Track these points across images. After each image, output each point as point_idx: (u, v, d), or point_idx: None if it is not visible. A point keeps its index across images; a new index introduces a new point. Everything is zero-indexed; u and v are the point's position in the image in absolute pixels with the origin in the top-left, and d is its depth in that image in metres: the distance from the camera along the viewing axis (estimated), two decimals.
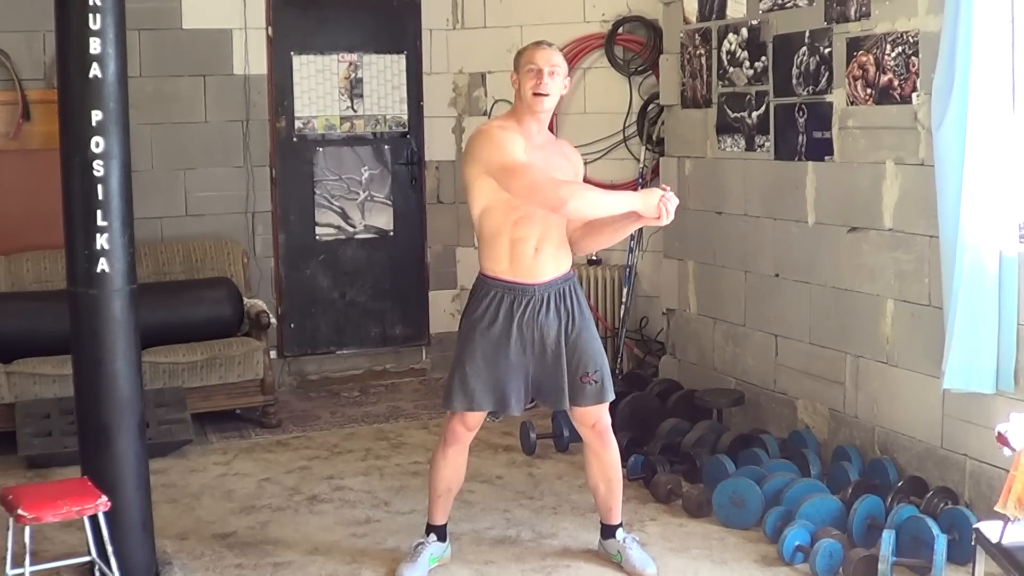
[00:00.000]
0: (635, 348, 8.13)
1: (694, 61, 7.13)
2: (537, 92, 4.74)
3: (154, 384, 6.70)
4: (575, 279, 4.98)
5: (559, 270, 4.87)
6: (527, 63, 4.77)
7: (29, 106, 7.31)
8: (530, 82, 4.75)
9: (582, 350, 4.88)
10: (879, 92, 5.71)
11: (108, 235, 4.66)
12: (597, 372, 4.90)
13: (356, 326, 8.46)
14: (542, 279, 4.83)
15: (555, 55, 4.80)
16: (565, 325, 4.85)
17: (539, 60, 4.75)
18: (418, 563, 5.00)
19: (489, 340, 4.82)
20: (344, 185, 8.32)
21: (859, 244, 5.91)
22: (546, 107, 4.79)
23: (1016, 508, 3.76)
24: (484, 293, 4.85)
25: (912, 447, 5.65)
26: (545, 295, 4.83)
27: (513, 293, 4.82)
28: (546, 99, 4.76)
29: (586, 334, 4.90)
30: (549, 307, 4.83)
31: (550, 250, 4.83)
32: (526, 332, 4.82)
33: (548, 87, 4.74)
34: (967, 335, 5.08)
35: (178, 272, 7.58)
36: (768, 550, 5.18)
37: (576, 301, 4.91)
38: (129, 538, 4.78)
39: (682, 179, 7.35)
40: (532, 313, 4.82)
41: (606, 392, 4.96)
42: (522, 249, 4.80)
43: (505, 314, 4.82)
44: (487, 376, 4.84)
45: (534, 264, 4.81)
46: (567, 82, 4.88)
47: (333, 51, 8.23)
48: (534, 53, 4.79)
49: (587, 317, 4.95)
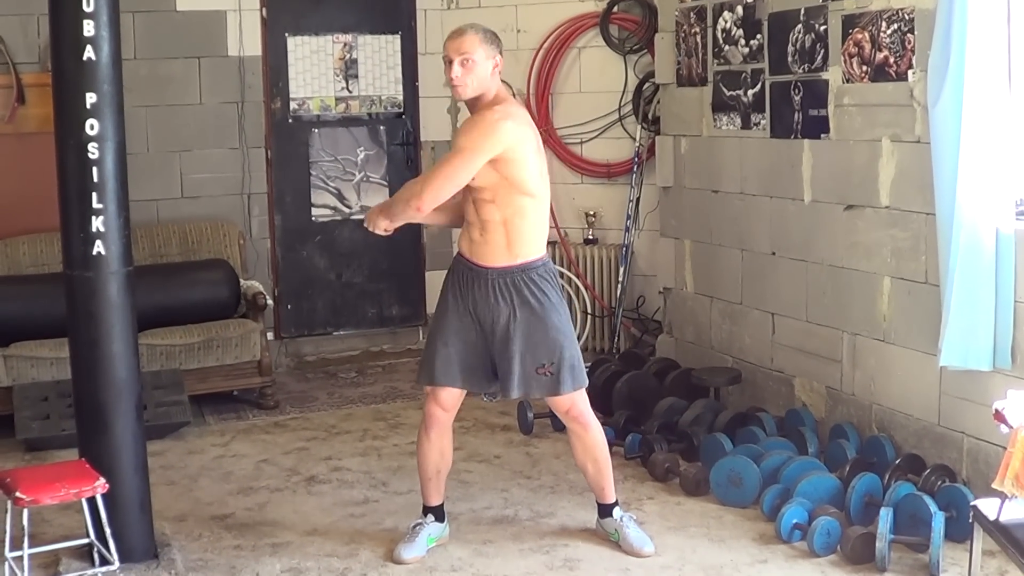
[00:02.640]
0: (632, 327, 8.13)
1: (689, 39, 7.12)
2: (451, 84, 4.76)
3: (151, 366, 6.69)
4: (543, 270, 4.88)
5: (514, 258, 4.82)
6: (444, 52, 4.79)
7: (24, 89, 7.29)
8: (446, 73, 4.76)
9: (538, 342, 4.84)
10: (875, 69, 5.70)
11: (104, 217, 4.66)
12: (552, 364, 4.86)
13: (353, 307, 8.46)
14: (495, 264, 4.82)
15: (466, 41, 4.72)
16: (517, 314, 4.81)
17: (449, 50, 4.75)
18: (416, 543, 5.01)
19: (453, 317, 4.88)
20: (340, 166, 8.31)
21: (855, 222, 5.91)
22: (464, 96, 4.77)
23: (1013, 485, 3.76)
24: (452, 270, 4.93)
25: (909, 425, 5.66)
26: (498, 281, 4.82)
27: (471, 272, 4.86)
28: (460, 88, 4.75)
29: (545, 325, 4.84)
30: (501, 293, 4.81)
31: (496, 237, 4.79)
32: (481, 313, 4.85)
33: (459, 77, 4.71)
34: (964, 312, 5.09)
35: (174, 254, 7.56)
36: (766, 528, 5.19)
37: (535, 291, 4.83)
38: (127, 520, 4.80)
39: (678, 158, 7.34)
40: (483, 296, 4.83)
41: (562, 384, 4.88)
42: (472, 232, 4.84)
43: (464, 292, 4.87)
44: (453, 352, 4.88)
45: (483, 248, 4.82)
46: (498, 59, 4.78)
47: (328, 32, 8.21)
48: (446, 42, 4.79)
49: (548, 307, 4.85)
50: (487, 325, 4.84)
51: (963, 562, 4.49)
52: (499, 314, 4.82)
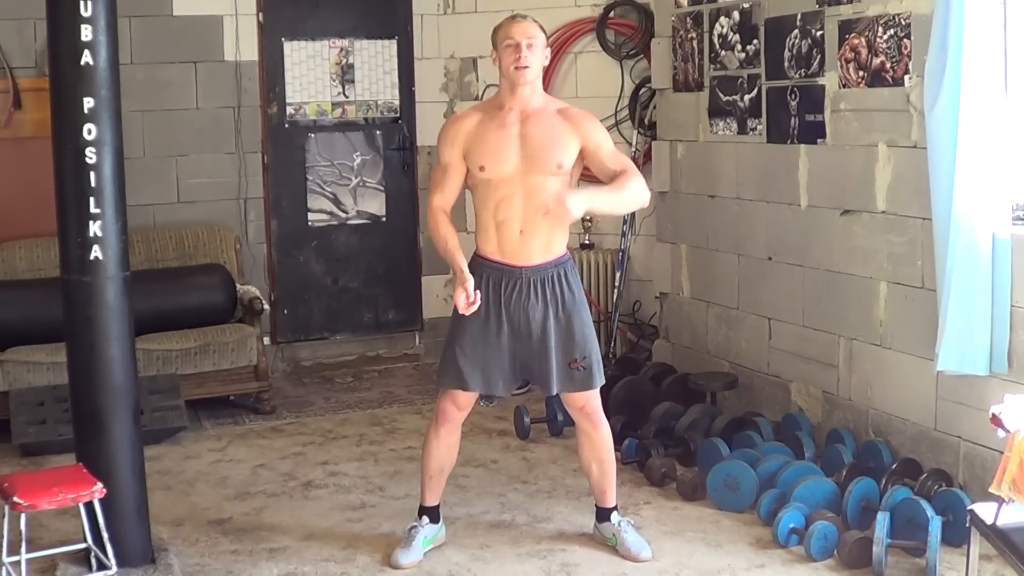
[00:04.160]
0: (628, 332, 8.13)
1: (686, 45, 7.13)
2: (519, 66, 4.75)
3: (148, 371, 6.69)
4: (569, 264, 4.93)
5: (549, 254, 4.85)
6: (504, 38, 4.78)
7: (20, 94, 7.29)
8: (510, 57, 4.76)
9: (570, 336, 4.87)
10: (871, 75, 5.71)
11: (101, 222, 4.65)
12: (585, 359, 4.89)
13: (349, 312, 8.45)
14: (530, 262, 4.82)
15: (531, 27, 4.79)
16: (552, 310, 4.83)
17: (516, 34, 4.76)
18: (412, 547, 5.00)
19: (478, 320, 4.83)
20: (336, 171, 8.31)
21: (852, 227, 5.92)
22: (529, 79, 4.78)
23: (1010, 489, 3.76)
24: (475, 273, 4.84)
25: (906, 429, 5.66)
26: (533, 279, 4.82)
27: (500, 274, 4.83)
28: (528, 71, 4.76)
29: (576, 320, 4.88)
30: (536, 291, 4.82)
31: (538, 233, 4.80)
32: (513, 314, 4.83)
33: (528, 59, 4.75)
34: (960, 317, 5.10)
35: (171, 259, 7.56)
36: (763, 533, 5.20)
37: (566, 286, 4.87)
38: (124, 525, 4.79)
39: (674, 163, 7.35)
40: (518, 296, 4.82)
41: (594, 379, 4.95)
42: (507, 231, 4.81)
43: (493, 295, 4.83)
44: (476, 356, 4.86)
45: (520, 246, 4.81)
46: (547, 52, 4.89)
47: (324, 37, 8.21)
48: (510, 28, 4.79)
49: (579, 303, 4.91)
50: (520, 325, 4.83)
51: (960, 566, 4.51)
52: (535, 312, 4.82)
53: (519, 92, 4.80)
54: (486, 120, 4.85)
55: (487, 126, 4.82)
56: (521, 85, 4.78)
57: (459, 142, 4.84)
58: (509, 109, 4.83)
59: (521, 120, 4.80)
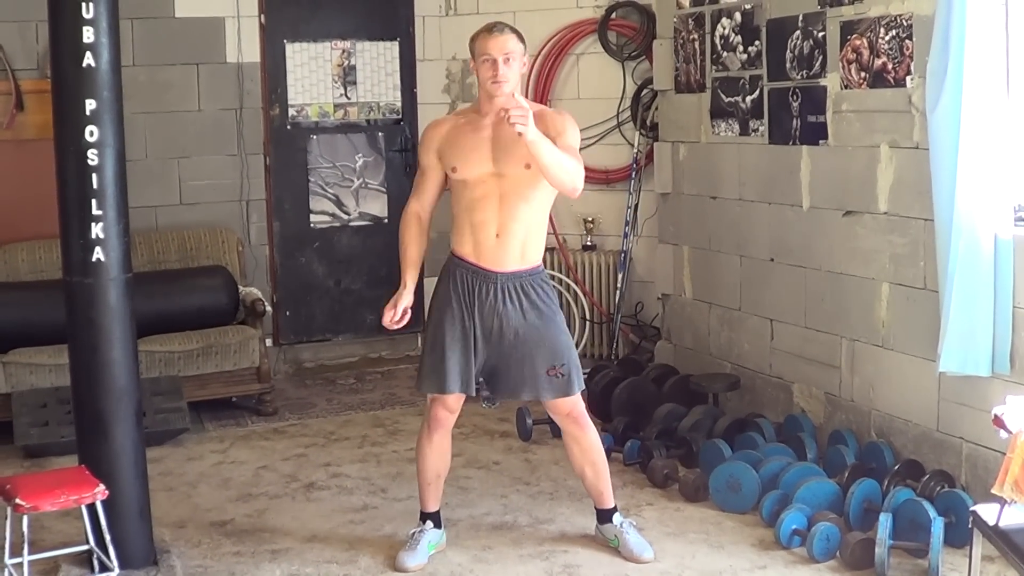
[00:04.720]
0: (630, 333, 8.13)
1: (687, 46, 7.13)
2: (495, 81, 4.76)
3: (150, 373, 6.68)
4: (544, 275, 4.95)
5: (524, 262, 4.85)
6: (481, 53, 4.77)
7: (22, 96, 7.30)
8: (487, 72, 4.76)
9: (547, 344, 4.87)
10: (873, 76, 5.71)
11: (103, 224, 4.66)
12: (564, 366, 4.89)
13: (351, 313, 8.45)
14: (504, 268, 4.83)
15: (508, 40, 4.76)
16: (527, 318, 4.84)
17: (492, 50, 4.74)
18: (418, 551, 5.00)
19: (451, 320, 4.87)
20: (338, 172, 8.31)
21: (854, 228, 5.91)
22: (506, 92, 4.77)
23: (1013, 490, 3.76)
24: (450, 273, 4.90)
25: (908, 430, 5.66)
26: (508, 285, 4.83)
27: (475, 277, 4.85)
28: (505, 85, 4.76)
29: (552, 327, 4.89)
30: (510, 297, 4.83)
31: (515, 239, 4.82)
32: (486, 319, 4.84)
33: (505, 75, 4.74)
34: (963, 318, 5.09)
35: (173, 261, 7.56)
36: (765, 534, 5.19)
37: (542, 294, 4.88)
38: (127, 526, 4.80)
39: (676, 164, 7.35)
40: (492, 301, 4.83)
41: (572, 385, 4.93)
42: (484, 234, 4.84)
43: (467, 298, 4.86)
44: (454, 356, 4.86)
45: (496, 250, 4.82)
46: (526, 59, 4.88)
47: (326, 38, 8.22)
48: (487, 43, 4.76)
49: (554, 311, 4.92)
50: (491, 330, 4.84)
51: (962, 567, 4.50)
52: (507, 319, 4.83)
53: (496, 101, 4.81)
54: (463, 124, 4.90)
55: (462, 129, 4.87)
56: (498, 96, 4.79)
57: (435, 145, 4.92)
58: (486, 114, 4.85)
59: (495, 123, 4.80)
